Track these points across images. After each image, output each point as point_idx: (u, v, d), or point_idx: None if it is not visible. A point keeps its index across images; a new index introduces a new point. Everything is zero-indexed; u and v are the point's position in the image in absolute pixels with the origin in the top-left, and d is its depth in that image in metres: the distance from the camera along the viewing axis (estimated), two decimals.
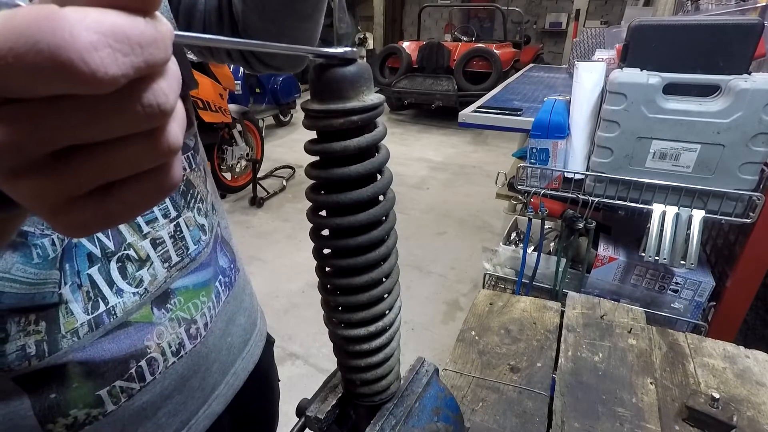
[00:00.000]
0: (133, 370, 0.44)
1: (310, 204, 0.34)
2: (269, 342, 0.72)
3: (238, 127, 3.52)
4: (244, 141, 3.59)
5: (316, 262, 0.37)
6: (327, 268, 0.37)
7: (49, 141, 0.15)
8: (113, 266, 0.42)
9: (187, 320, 0.49)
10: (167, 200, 0.48)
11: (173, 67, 0.17)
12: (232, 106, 3.49)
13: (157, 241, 0.46)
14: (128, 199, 0.19)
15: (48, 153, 0.16)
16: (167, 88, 0.17)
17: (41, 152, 0.16)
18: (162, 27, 0.16)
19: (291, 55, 0.60)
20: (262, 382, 0.68)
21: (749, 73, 0.94)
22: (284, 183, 3.95)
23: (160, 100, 0.17)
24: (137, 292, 0.44)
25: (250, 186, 3.57)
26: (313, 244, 0.36)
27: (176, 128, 0.18)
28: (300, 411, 0.46)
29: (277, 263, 2.81)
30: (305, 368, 2.01)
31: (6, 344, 0.36)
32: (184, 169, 0.51)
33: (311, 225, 0.35)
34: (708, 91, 0.97)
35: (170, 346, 0.47)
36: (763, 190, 0.99)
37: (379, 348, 0.39)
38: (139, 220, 0.45)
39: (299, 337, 2.18)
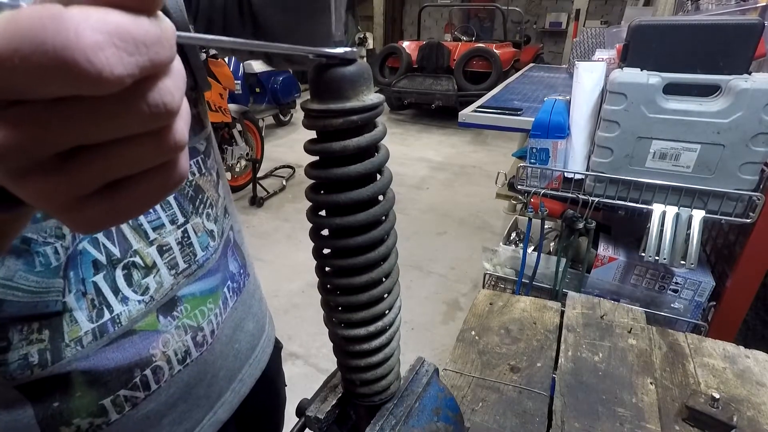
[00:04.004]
0: (137, 379, 0.43)
1: (310, 204, 0.34)
2: (277, 347, 0.70)
3: (238, 126, 3.52)
4: (244, 141, 3.59)
5: (315, 262, 0.37)
6: (327, 268, 0.37)
7: (56, 142, 0.15)
8: (119, 273, 0.41)
9: (193, 327, 0.48)
10: (175, 206, 0.47)
11: (178, 65, 0.17)
12: (232, 106, 3.49)
13: (164, 248, 0.45)
14: (136, 195, 0.19)
15: (55, 153, 0.16)
16: (173, 86, 0.17)
17: (48, 153, 0.16)
18: (166, 26, 0.16)
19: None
20: (269, 387, 0.67)
21: (749, 73, 0.94)
22: (284, 183, 3.95)
23: (166, 99, 0.16)
24: (143, 299, 0.43)
25: (250, 186, 3.57)
26: (313, 244, 0.36)
27: (182, 125, 0.18)
28: (300, 411, 0.45)
29: (277, 263, 2.81)
30: (305, 368, 2.01)
31: (8, 353, 0.36)
32: (193, 174, 0.50)
33: (311, 225, 0.35)
34: (708, 91, 0.97)
35: (176, 354, 0.46)
36: (763, 190, 0.99)
37: (379, 348, 0.39)
38: (146, 226, 0.44)
39: (299, 337, 2.18)
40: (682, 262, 1.04)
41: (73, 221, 0.18)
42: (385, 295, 0.38)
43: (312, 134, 0.32)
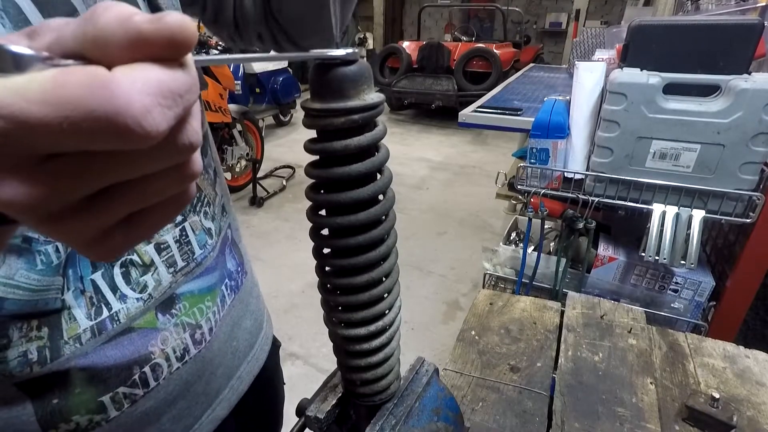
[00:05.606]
0: (136, 376, 0.43)
1: (310, 203, 0.34)
2: (275, 345, 0.71)
3: (238, 126, 3.52)
4: (244, 141, 3.59)
5: (315, 261, 0.37)
6: (327, 268, 0.37)
7: (88, 187, 0.16)
8: (117, 271, 0.41)
9: (192, 325, 0.48)
10: None
11: (197, 103, 0.18)
12: (232, 106, 3.49)
13: (162, 246, 0.45)
14: (154, 221, 0.20)
15: (84, 197, 0.17)
16: (197, 125, 0.18)
17: (79, 197, 0.17)
18: (192, 70, 0.17)
19: (321, 35, 0.59)
20: (267, 385, 0.67)
21: (749, 73, 0.94)
22: (284, 183, 3.95)
23: (192, 139, 0.18)
24: (141, 297, 0.43)
25: (250, 186, 3.57)
26: (313, 244, 0.36)
27: (198, 156, 0.20)
28: (300, 411, 0.46)
29: (277, 263, 2.81)
30: (305, 368, 2.01)
31: (8, 350, 0.36)
32: None
33: (311, 224, 0.35)
34: (708, 91, 0.97)
35: (175, 352, 0.46)
36: (763, 190, 0.99)
37: (379, 348, 0.39)
38: None
39: (299, 337, 2.18)
40: (682, 262, 1.04)
41: (94, 253, 0.20)
42: (385, 295, 0.38)
43: (312, 134, 0.32)
